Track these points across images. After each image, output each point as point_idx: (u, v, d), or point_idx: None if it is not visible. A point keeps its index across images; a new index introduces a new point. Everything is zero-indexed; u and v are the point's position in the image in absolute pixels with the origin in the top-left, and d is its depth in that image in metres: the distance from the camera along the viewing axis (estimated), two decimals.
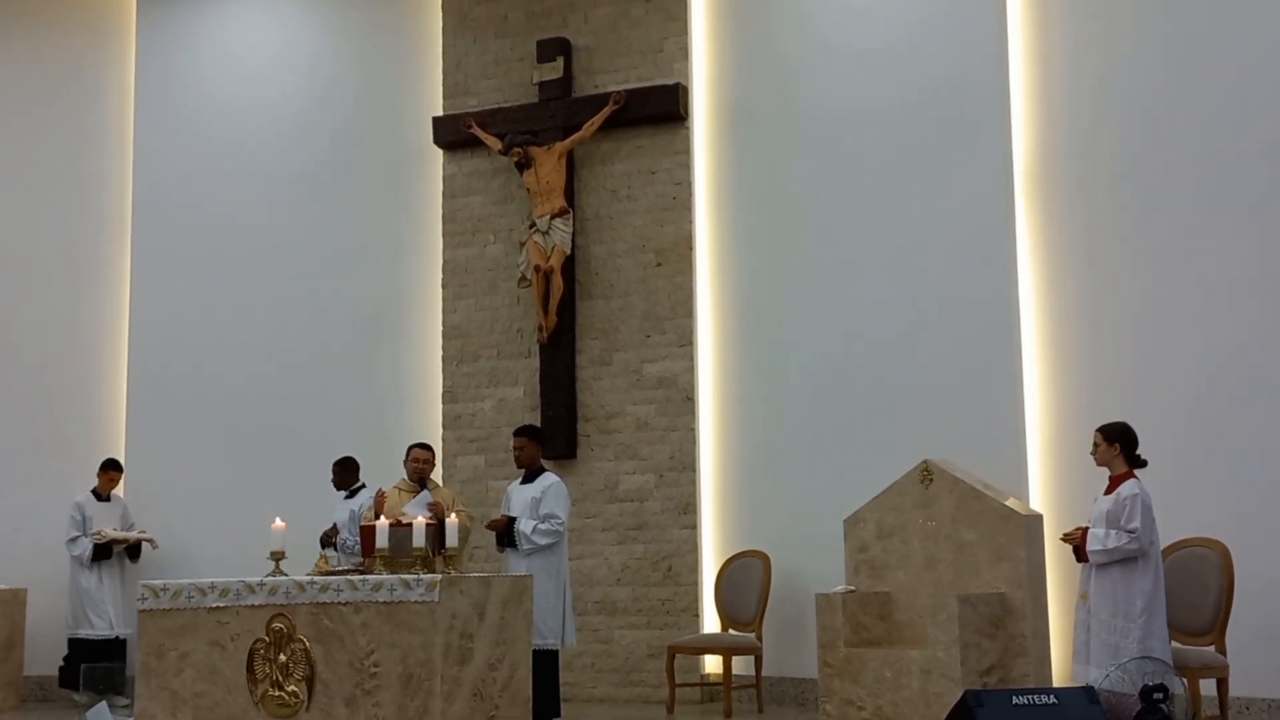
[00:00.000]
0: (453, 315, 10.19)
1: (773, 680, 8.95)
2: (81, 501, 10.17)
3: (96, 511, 10.16)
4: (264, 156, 10.77)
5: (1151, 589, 6.47)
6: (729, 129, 9.72)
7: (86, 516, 10.10)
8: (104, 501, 10.24)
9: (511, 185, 10.06)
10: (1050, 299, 8.43)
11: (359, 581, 6.24)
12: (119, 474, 10.34)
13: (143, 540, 10.15)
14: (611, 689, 9.39)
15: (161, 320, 10.72)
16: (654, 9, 9.86)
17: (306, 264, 10.60)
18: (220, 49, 11.00)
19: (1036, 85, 8.63)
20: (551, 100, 9.98)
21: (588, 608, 9.44)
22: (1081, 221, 8.34)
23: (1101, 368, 8.13)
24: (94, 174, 11.06)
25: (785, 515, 9.04)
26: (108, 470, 10.26)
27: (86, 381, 10.86)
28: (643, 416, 9.58)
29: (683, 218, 9.67)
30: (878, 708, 6.90)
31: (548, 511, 7.98)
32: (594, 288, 9.85)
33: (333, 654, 6.21)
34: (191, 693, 6.51)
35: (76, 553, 10.02)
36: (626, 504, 9.56)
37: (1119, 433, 6.67)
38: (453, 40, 10.42)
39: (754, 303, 9.47)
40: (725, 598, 9.06)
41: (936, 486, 7.25)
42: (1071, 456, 7.78)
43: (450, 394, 10.12)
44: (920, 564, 7.26)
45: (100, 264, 10.97)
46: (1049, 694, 5.42)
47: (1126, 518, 6.46)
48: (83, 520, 10.08)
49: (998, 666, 6.80)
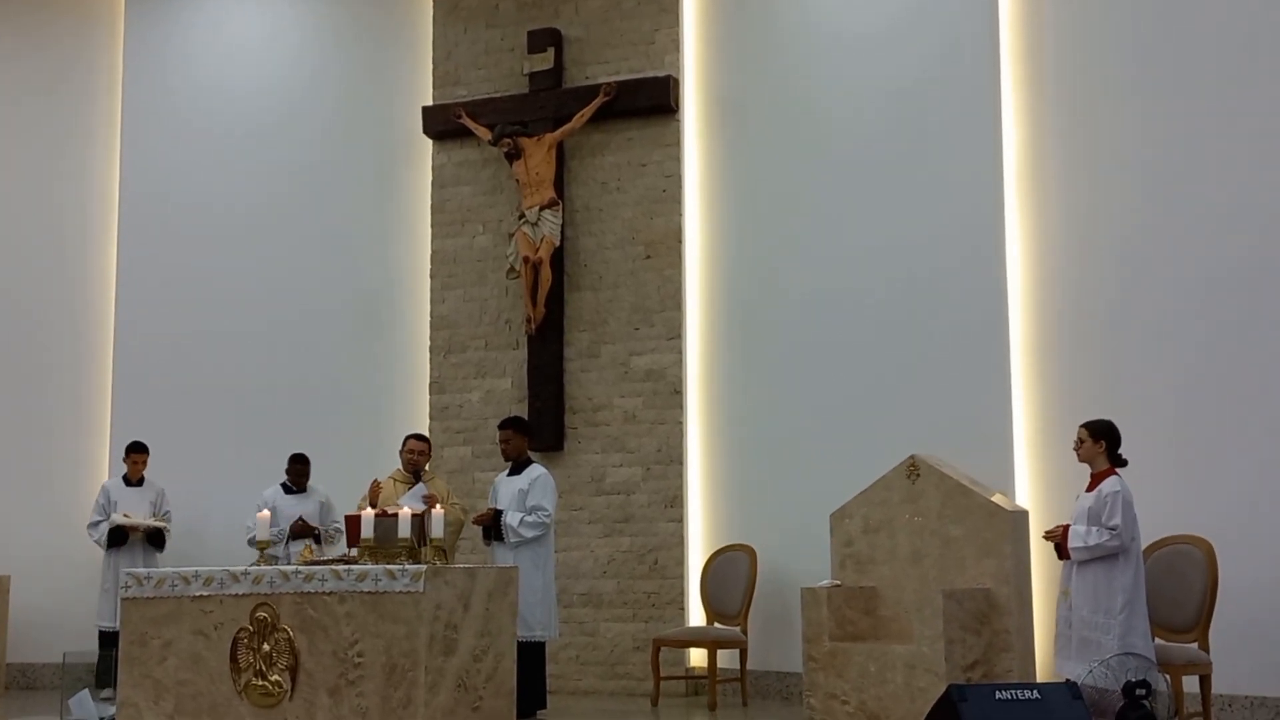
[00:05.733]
0: (441, 306, 10.16)
1: (758, 674, 8.96)
2: (108, 486, 9.88)
3: (124, 496, 9.76)
4: (253, 146, 10.73)
5: (1132, 586, 6.49)
6: (719, 122, 9.71)
7: (112, 501, 9.73)
8: (134, 486, 9.85)
9: (501, 176, 10.04)
10: (1038, 294, 8.43)
11: (344, 571, 6.23)
12: (143, 455, 9.86)
13: (159, 527, 9.73)
14: (596, 681, 9.39)
15: (148, 309, 10.68)
16: (645, 1, 9.84)
17: (295, 253, 10.57)
18: (209, 38, 10.95)
19: (1027, 79, 8.61)
20: (542, 91, 9.96)
21: (573, 600, 9.43)
22: (1070, 215, 8.34)
23: (1089, 365, 8.14)
24: (81, 164, 11.02)
25: (772, 509, 9.05)
26: (131, 454, 9.85)
27: (73, 372, 10.82)
28: (630, 409, 9.57)
29: (672, 210, 9.66)
30: (862, 702, 6.90)
31: (535, 504, 7.97)
32: (583, 280, 9.83)
33: (316, 644, 6.19)
34: (174, 681, 6.49)
35: (95, 538, 9.70)
36: (613, 496, 9.55)
37: (1104, 430, 6.69)
38: (443, 30, 10.39)
39: (743, 296, 9.47)
40: (711, 591, 9.06)
41: (923, 482, 7.25)
42: (1058, 453, 7.78)
43: (438, 385, 10.11)
44: (906, 559, 7.27)
45: (87, 254, 10.92)
46: (1032, 689, 5.42)
47: (1108, 515, 6.48)
48: (107, 505, 9.72)
49: (982, 662, 6.81)
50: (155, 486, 9.94)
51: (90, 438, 10.63)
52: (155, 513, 9.85)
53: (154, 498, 9.90)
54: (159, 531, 9.76)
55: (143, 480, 9.92)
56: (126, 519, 9.65)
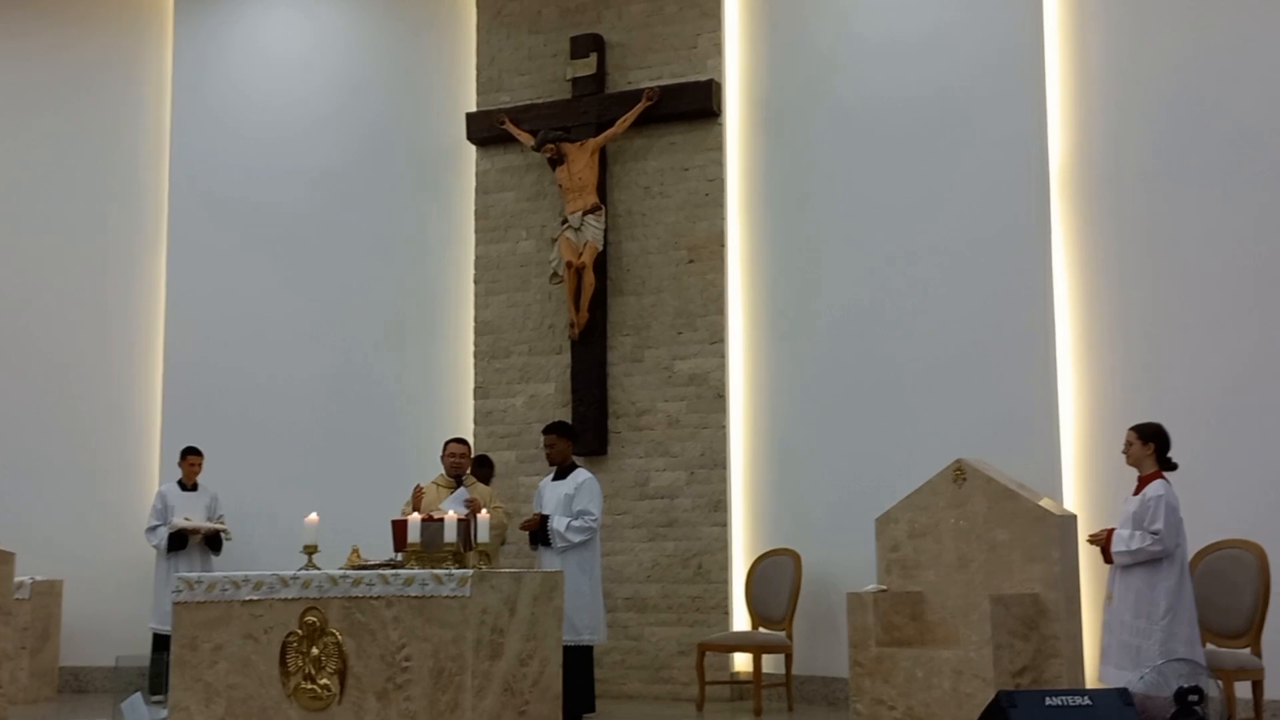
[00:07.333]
0: (485, 311, 10.21)
1: (803, 679, 8.93)
2: (164, 490, 9.97)
3: (179, 501, 9.85)
4: (298, 151, 10.83)
5: (1176, 591, 6.41)
6: (762, 125, 9.70)
7: (168, 505, 9.82)
8: (189, 491, 9.94)
9: (544, 181, 10.08)
10: (1085, 297, 8.37)
11: (391, 576, 6.26)
12: (198, 459, 9.95)
13: (218, 531, 9.83)
14: (641, 686, 9.39)
15: (196, 314, 10.79)
16: (688, 5, 9.85)
17: (339, 259, 10.65)
18: (256, 44, 11.07)
19: (1072, 82, 8.55)
20: (585, 96, 9.99)
21: (618, 604, 9.44)
22: (1116, 219, 8.27)
23: (1136, 367, 8.07)
24: (131, 168, 11.15)
25: (816, 513, 9.02)
26: (186, 457, 9.95)
27: (121, 376, 10.93)
28: (674, 413, 9.57)
29: (715, 214, 9.66)
30: (909, 707, 6.87)
31: (581, 508, 8.00)
32: (626, 284, 9.85)
33: (364, 648, 6.23)
34: (225, 685, 6.55)
35: (154, 542, 9.79)
36: (657, 501, 9.55)
37: (1153, 433, 6.62)
38: (487, 36, 10.44)
39: (786, 300, 9.45)
40: (756, 596, 9.04)
41: (969, 486, 7.21)
42: (1106, 456, 7.72)
43: (482, 390, 10.15)
44: (952, 564, 7.22)
45: (136, 258, 11.05)
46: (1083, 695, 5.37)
47: (1150, 519, 6.42)
48: (164, 509, 9.82)
49: (1030, 668, 6.76)
50: (209, 490, 10.04)
51: (140, 442, 10.75)
52: (210, 516, 9.94)
53: (208, 501, 9.99)
54: (216, 535, 9.87)
55: (197, 485, 10.02)
56: (187, 523, 9.75)
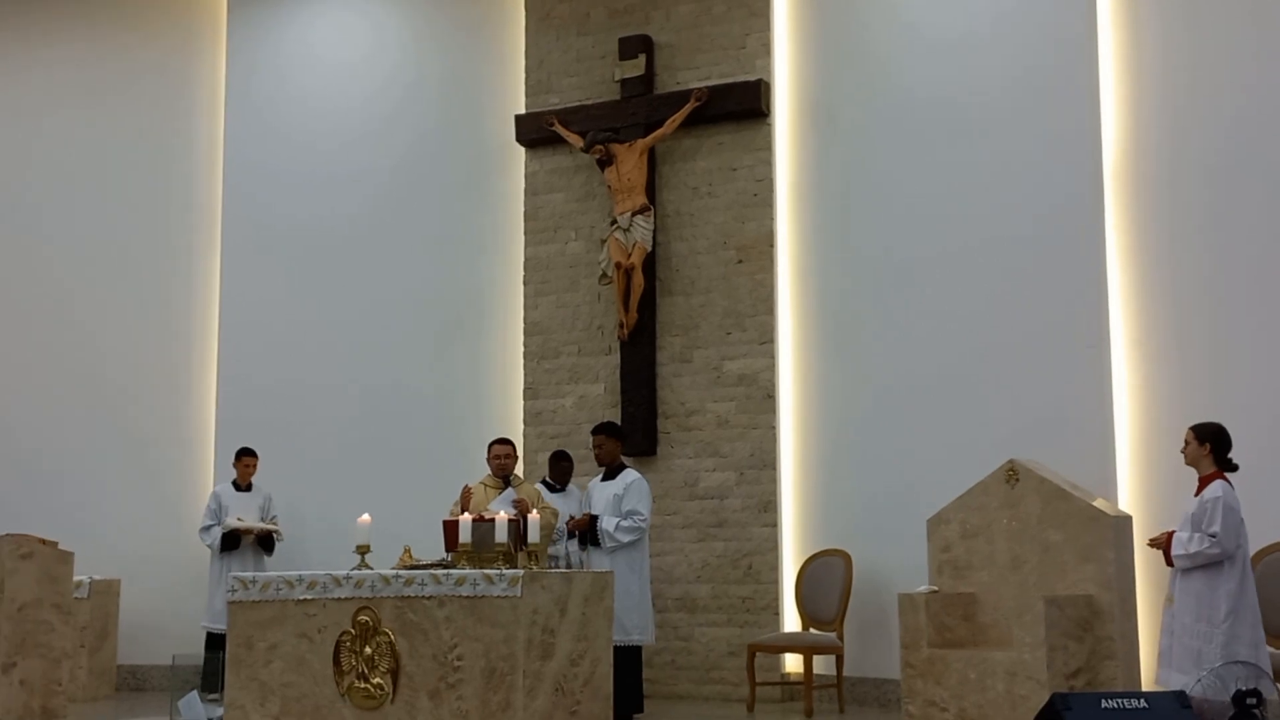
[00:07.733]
0: (534, 312, 10.24)
1: (854, 680, 8.89)
2: (219, 491, 10.09)
3: (234, 501, 9.97)
4: (349, 154, 10.92)
5: (1237, 594, 6.30)
6: (811, 125, 9.66)
7: (223, 505, 9.95)
8: (243, 491, 10.07)
9: (593, 182, 10.09)
10: (1139, 294, 8.27)
11: (443, 575, 6.30)
12: (253, 460, 10.09)
13: (270, 531, 9.95)
14: (691, 686, 9.39)
15: (250, 317, 10.90)
16: (736, 5, 9.83)
17: (389, 262, 10.72)
18: (308, 48, 11.17)
19: (1127, 78, 8.46)
20: (633, 97, 10.00)
21: (667, 605, 9.44)
22: (1171, 217, 8.17)
23: (1193, 365, 7.97)
24: (184, 172, 11.28)
25: (867, 514, 8.98)
26: (241, 458, 10.09)
27: (177, 378, 11.06)
28: (723, 414, 9.56)
29: (764, 214, 9.64)
30: (961, 709, 6.82)
31: (630, 508, 8.01)
32: (675, 285, 9.85)
33: (417, 647, 6.27)
34: (279, 683, 6.61)
35: (208, 542, 9.91)
36: (706, 501, 9.55)
37: (1212, 433, 6.51)
38: (535, 38, 10.48)
39: (835, 300, 9.41)
40: (806, 596, 9.01)
41: (1022, 486, 7.16)
42: (1162, 456, 7.63)
43: (531, 390, 10.18)
44: (1005, 564, 7.17)
45: (191, 261, 11.18)
46: (1139, 698, 5.33)
47: (1208, 521, 6.31)
48: (218, 509, 9.94)
49: (1085, 669, 6.70)
50: (263, 491, 10.15)
51: (196, 443, 10.87)
52: (264, 517, 10.06)
53: (262, 502, 10.11)
54: (269, 535, 9.98)
55: (251, 485, 10.13)
56: (240, 523, 9.87)
